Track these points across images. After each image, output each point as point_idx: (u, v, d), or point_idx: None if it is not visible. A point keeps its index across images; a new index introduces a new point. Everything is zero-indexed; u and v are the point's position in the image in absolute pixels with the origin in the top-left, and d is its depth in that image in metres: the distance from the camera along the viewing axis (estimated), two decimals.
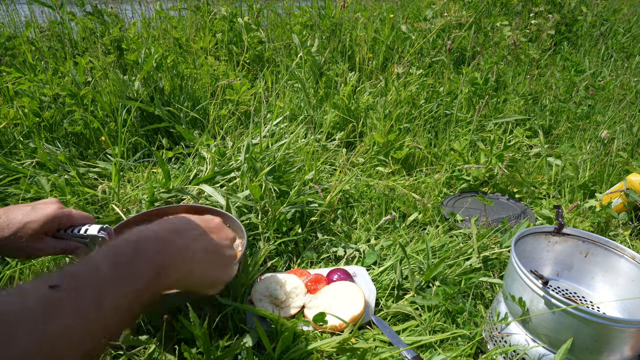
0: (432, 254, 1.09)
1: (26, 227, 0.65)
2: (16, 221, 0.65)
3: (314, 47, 1.99)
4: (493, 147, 1.53)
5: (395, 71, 1.94)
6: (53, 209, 0.68)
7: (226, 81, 1.80)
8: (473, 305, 0.98)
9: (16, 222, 0.65)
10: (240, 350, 0.77)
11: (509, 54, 2.44)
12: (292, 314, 0.92)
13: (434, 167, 1.67)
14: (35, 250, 0.68)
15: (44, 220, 0.66)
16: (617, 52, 2.91)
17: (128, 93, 1.58)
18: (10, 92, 1.53)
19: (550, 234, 0.94)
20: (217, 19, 2.37)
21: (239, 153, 1.38)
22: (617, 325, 0.68)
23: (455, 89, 2.04)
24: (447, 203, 1.42)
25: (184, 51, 2.27)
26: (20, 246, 0.66)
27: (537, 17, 2.86)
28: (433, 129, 1.88)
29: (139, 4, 2.57)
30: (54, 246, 0.69)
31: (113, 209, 1.20)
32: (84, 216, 0.73)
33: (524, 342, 0.80)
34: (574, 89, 2.24)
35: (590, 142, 1.78)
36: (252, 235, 1.16)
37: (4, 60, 1.84)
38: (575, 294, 0.94)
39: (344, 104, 1.80)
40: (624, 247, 0.88)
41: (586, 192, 1.52)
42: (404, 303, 0.98)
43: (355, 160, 1.63)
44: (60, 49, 2.03)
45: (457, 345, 0.88)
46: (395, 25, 2.48)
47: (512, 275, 0.82)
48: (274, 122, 1.55)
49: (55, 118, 1.52)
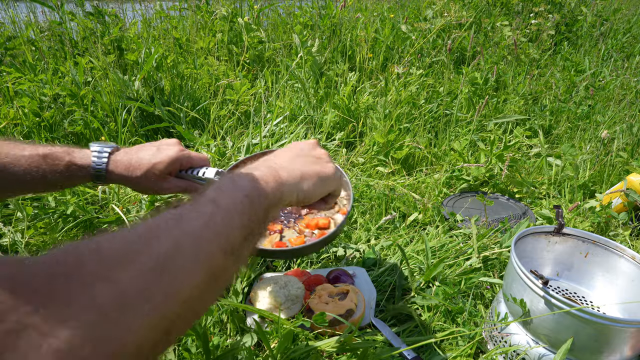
0: (432, 254, 1.09)
1: (154, 168, 0.72)
2: (145, 161, 0.72)
3: (314, 47, 1.99)
4: (493, 147, 1.53)
5: (396, 71, 1.94)
6: (175, 151, 0.74)
7: (226, 81, 1.80)
8: (473, 305, 0.98)
9: (145, 162, 0.72)
10: (240, 350, 0.77)
11: (509, 54, 2.44)
12: (292, 314, 0.92)
13: (434, 167, 1.67)
14: (161, 189, 0.75)
15: (168, 161, 0.73)
16: (617, 52, 2.91)
17: (128, 93, 1.58)
18: (11, 92, 1.53)
19: (550, 234, 0.94)
20: (217, 19, 2.37)
21: (239, 153, 1.38)
22: (617, 325, 0.68)
23: (455, 89, 2.04)
24: (447, 203, 1.42)
25: (184, 51, 2.27)
26: (150, 185, 0.73)
27: (537, 17, 2.86)
28: (433, 129, 1.88)
29: (140, 4, 2.57)
30: (176, 185, 0.76)
31: (113, 209, 1.20)
32: (202, 158, 0.79)
33: (524, 342, 0.80)
34: (574, 89, 2.24)
35: (590, 142, 1.78)
36: None
37: (4, 61, 1.84)
38: (575, 294, 0.94)
39: (344, 104, 1.80)
40: (624, 247, 0.88)
41: (586, 192, 1.52)
42: (404, 303, 0.98)
43: (355, 160, 1.63)
44: (60, 49, 2.03)
45: (457, 345, 0.88)
46: (395, 25, 2.48)
47: (512, 275, 0.82)
48: (274, 122, 1.55)
49: (55, 118, 1.52)
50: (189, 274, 0.36)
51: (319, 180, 0.59)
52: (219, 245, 0.39)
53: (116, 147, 0.74)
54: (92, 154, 0.71)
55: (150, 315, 0.31)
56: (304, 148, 0.62)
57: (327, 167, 0.61)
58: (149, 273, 0.33)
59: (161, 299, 0.33)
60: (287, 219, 0.91)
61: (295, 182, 0.55)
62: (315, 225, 0.87)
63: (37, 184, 0.68)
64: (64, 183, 0.71)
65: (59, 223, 1.14)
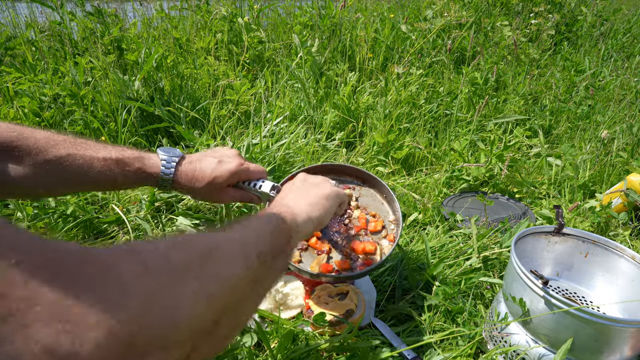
0: (432, 254, 1.09)
1: (214, 181, 0.76)
2: (206, 175, 0.76)
3: (314, 47, 1.99)
4: (493, 147, 1.53)
5: (395, 71, 1.94)
6: (235, 165, 0.78)
7: (226, 81, 1.80)
8: (473, 305, 0.98)
9: (207, 175, 0.76)
10: (240, 350, 0.78)
11: (509, 54, 2.44)
12: (292, 315, 0.92)
13: (434, 167, 1.67)
14: (219, 199, 0.81)
15: (227, 175, 0.77)
16: (617, 52, 2.91)
17: (128, 93, 1.58)
18: (11, 92, 1.53)
19: (550, 234, 0.94)
20: (217, 19, 2.37)
21: None
22: (617, 325, 0.68)
23: (455, 89, 2.04)
24: (447, 203, 1.42)
25: (184, 51, 2.27)
26: (209, 195, 0.79)
27: (537, 17, 2.86)
28: (433, 129, 1.88)
29: (140, 4, 2.57)
30: (233, 195, 0.81)
31: (113, 209, 1.20)
32: (259, 171, 0.83)
33: (524, 342, 0.80)
34: (574, 89, 2.24)
35: (590, 142, 1.78)
36: None
37: (4, 61, 1.84)
38: (575, 294, 0.94)
39: (344, 104, 1.80)
40: (624, 247, 0.88)
41: (586, 192, 1.52)
42: (404, 303, 0.98)
43: (355, 160, 1.63)
44: (60, 49, 2.03)
45: (457, 345, 0.88)
46: (395, 25, 2.48)
47: (512, 275, 0.82)
48: (274, 122, 1.55)
49: (55, 118, 1.52)
50: (231, 262, 0.40)
51: (324, 201, 0.66)
52: (255, 249, 0.44)
53: (182, 156, 0.78)
54: (160, 162, 0.75)
55: (198, 293, 0.34)
56: (301, 181, 0.71)
57: (325, 187, 0.69)
58: (197, 255, 0.37)
59: (207, 280, 0.36)
60: (336, 239, 0.93)
61: (308, 213, 0.61)
62: (362, 250, 0.89)
63: (106, 185, 0.73)
64: (129, 186, 0.76)
65: (59, 223, 1.14)
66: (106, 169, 0.71)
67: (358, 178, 1.03)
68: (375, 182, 1.01)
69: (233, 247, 0.42)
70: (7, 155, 0.65)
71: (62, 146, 0.68)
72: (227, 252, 0.40)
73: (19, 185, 0.67)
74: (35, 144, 0.66)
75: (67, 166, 0.68)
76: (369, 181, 1.02)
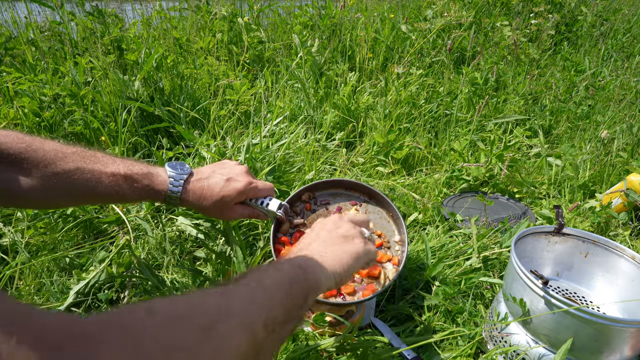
0: (432, 254, 1.09)
1: (222, 200, 0.77)
2: (215, 193, 0.77)
3: (314, 47, 1.99)
4: (493, 147, 1.53)
5: (395, 71, 1.94)
6: (243, 184, 0.79)
7: (226, 81, 1.80)
8: (473, 305, 0.98)
9: (215, 194, 0.77)
10: None
11: (509, 54, 2.44)
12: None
13: (434, 167, 1.67)
14: (227, 217, 0.82)
15: (235, 195, 0.78)
16: (617, 52, 2.91)
17: (128, 93, 1.58)
18: (10, 92, 1.53)
19: (550, 234, 0.94)
20: (217, 19, 2.37)
21: (239, 153, 1.38)
22: (617, 325, 0.68)
23: (455, 89, 2.04)
24: (447, 203, 1.42)
25: (184, 51, 2.27)
26: (217, 213, 0.80)
27: (537, 17, 2.86)
28: (433, 129, 1.88)
29: (140, 4, 2.57)
30: (241, 213, 0.82)
31: (113, 209, 1.20)
32: (267, 188, 0.83)
33: (524, 342, 0.80)
34: (574, 89, 2.24)
35: (590, 142, 1.78)
36: (252, 235, 1.16)
37: (4, 61, 1.84)
38: (575, 294, 0.94)
39: (344, 104, 1.80)
40: (623, 247, 0.88)
41: (586, 192, 1.52)
42: (404, 303, 0.98)
43: (355, 160, 1.63)
44: (60, 49, 2.03)
45: (457, 345, 0.88)
46: (395, 25, 2.48)
47: (512, 276, 0.82)
48: (274, 122, 1.55)
49: (55, 118, 1.52)
50: (234, 339, 0.37)
51: (351, 261, 0.62)
52: (261, 318, 0.42)
53: (190, 173, 0.78)
54: (168, 180, 0.75)
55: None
56: (331, 229, 0.66)
57: (357, 244, 0.65)
58: (199, 331, 0.35)
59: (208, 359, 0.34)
60: None
61: (332, 270, 0.58)
62: (366, 273, 0.88)
63: (113, 200, 0.74)
64: (137, 201, 0.78)
65: (59, 223, 1.14)
66: (114, 184, 0.70)
67: (365, 194, 1.02)
68: (382, 200, 0.99)
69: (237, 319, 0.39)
70: (16, 167, 0.64)
71: (71, 159, 0.68)
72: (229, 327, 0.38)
73: (27, 197, 0.66)
74: (44, 156, 0.65)
75: (75, 180, 0.68)
76: (377, 198, 1.01)
